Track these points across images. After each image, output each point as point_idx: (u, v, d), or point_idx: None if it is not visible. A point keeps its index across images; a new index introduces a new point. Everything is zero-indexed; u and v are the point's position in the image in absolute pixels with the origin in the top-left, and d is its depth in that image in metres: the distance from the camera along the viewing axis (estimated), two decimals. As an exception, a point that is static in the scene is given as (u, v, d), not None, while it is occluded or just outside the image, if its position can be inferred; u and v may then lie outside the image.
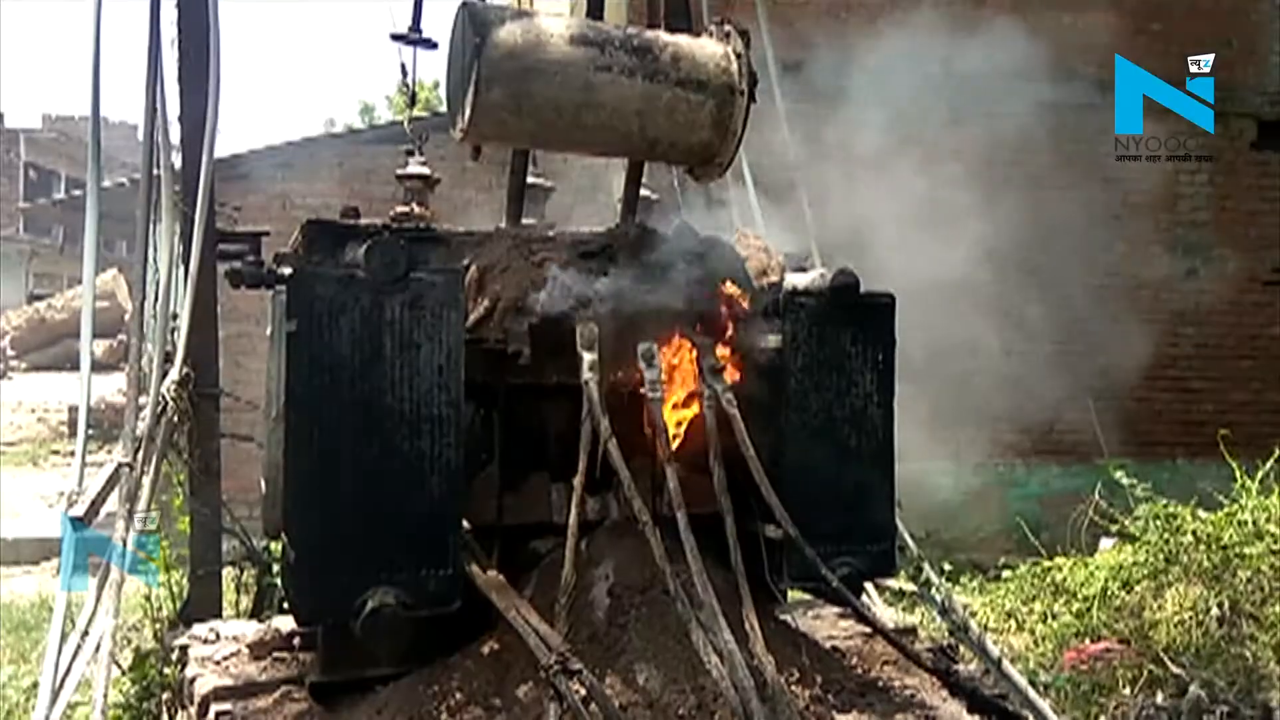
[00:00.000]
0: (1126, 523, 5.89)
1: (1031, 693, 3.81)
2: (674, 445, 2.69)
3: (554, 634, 2.35)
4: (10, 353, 25.07)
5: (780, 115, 5.00)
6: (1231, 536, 5.26)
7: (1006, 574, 6.40)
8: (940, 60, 6.15)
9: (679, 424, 2.75)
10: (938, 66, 6.60)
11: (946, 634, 4.19)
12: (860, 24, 6.85)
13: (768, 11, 5.23)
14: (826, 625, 3.27)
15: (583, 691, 2.27)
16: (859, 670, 2.88)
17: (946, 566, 6.87)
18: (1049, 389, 8.58)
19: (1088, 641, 5.26)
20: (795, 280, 2.82)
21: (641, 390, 2.63)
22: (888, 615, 4.36)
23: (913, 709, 2.66)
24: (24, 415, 17.60)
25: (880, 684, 2.81)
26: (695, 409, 2.73)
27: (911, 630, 3.58)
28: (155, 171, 4.00)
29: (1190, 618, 5.01)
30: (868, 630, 3.10)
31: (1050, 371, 8.60)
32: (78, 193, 16.82)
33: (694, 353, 2.72)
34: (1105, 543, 6.80)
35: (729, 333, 2.76)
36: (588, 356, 2.55)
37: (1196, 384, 8.63)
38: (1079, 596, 5.66)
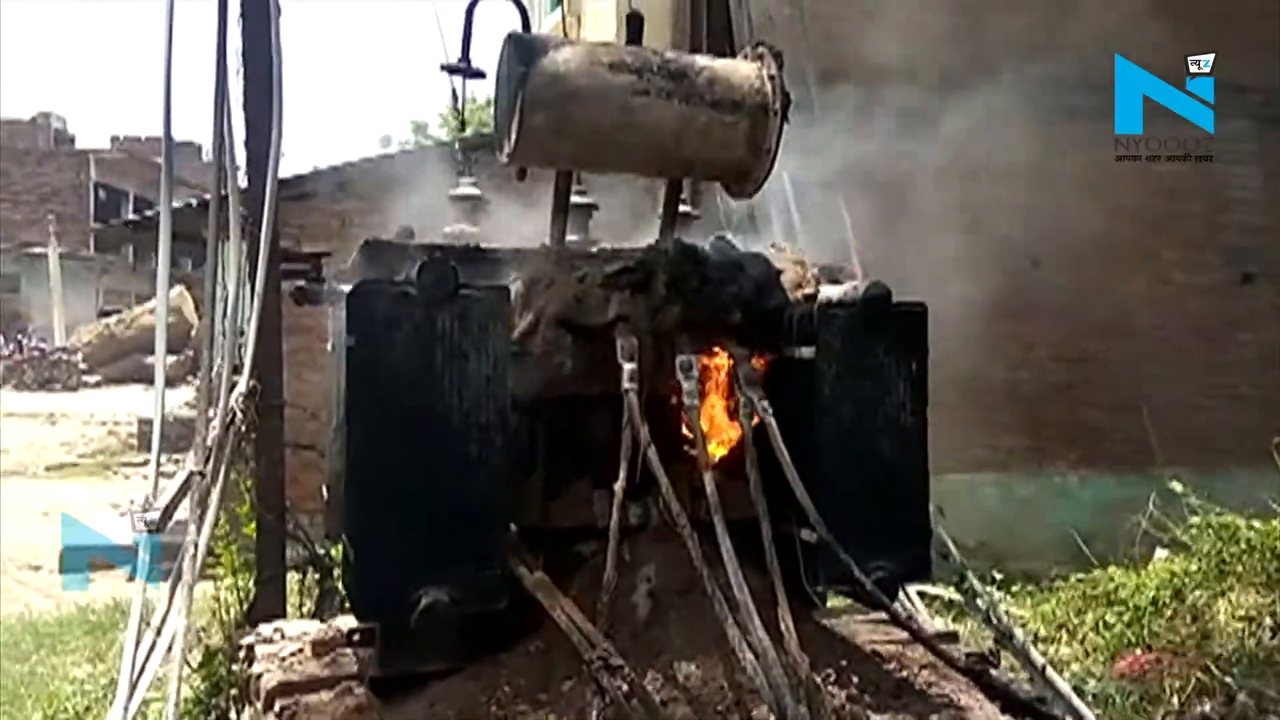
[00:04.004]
0: (1179, 532, 5.85)
1: (1075, 699, 3.83)
2: (713, 453, 2.80)
3: (596, 632, 2.46)
4: (82, 367, 26.00)
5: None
6: (1287, 546, 5.22)
7: (1058, 584, 6.38)
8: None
9: (717, 432, 2.85)
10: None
11: (992, 642, 4.22)
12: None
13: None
14: (867, 630, 3.32)
15: (625, 687, 2.38)
16: (896, 673, 2.93)
17: (997, 576, 6.86)
18: (1103, 398, 8.51)
19: (1139, 651, 5.24)
20: (829, 293, 2.91)
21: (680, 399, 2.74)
22: (934, 624, 4.40)
23: (948, 710, 2.72)
24: (95, 428, 18.27)
25: (917, 687, 2.87)
26: (732, 417, 2.83)
27: (952, 635, 3.63)
28: (223, 193, 4.22)
29: (1244, 627, 4.98)
30: (907, 637, 3.17)
31: (1104, 380, 8.54)
32: (147, 214, 17.49)
33: (731, 363, 2.82)
34: (1160, 553, 6.74)
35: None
36: (627, 367, 2.67)
37: (1252, 392, 8.48)
38: (1131, 606, 5.63)
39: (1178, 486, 6.32)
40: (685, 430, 2.80)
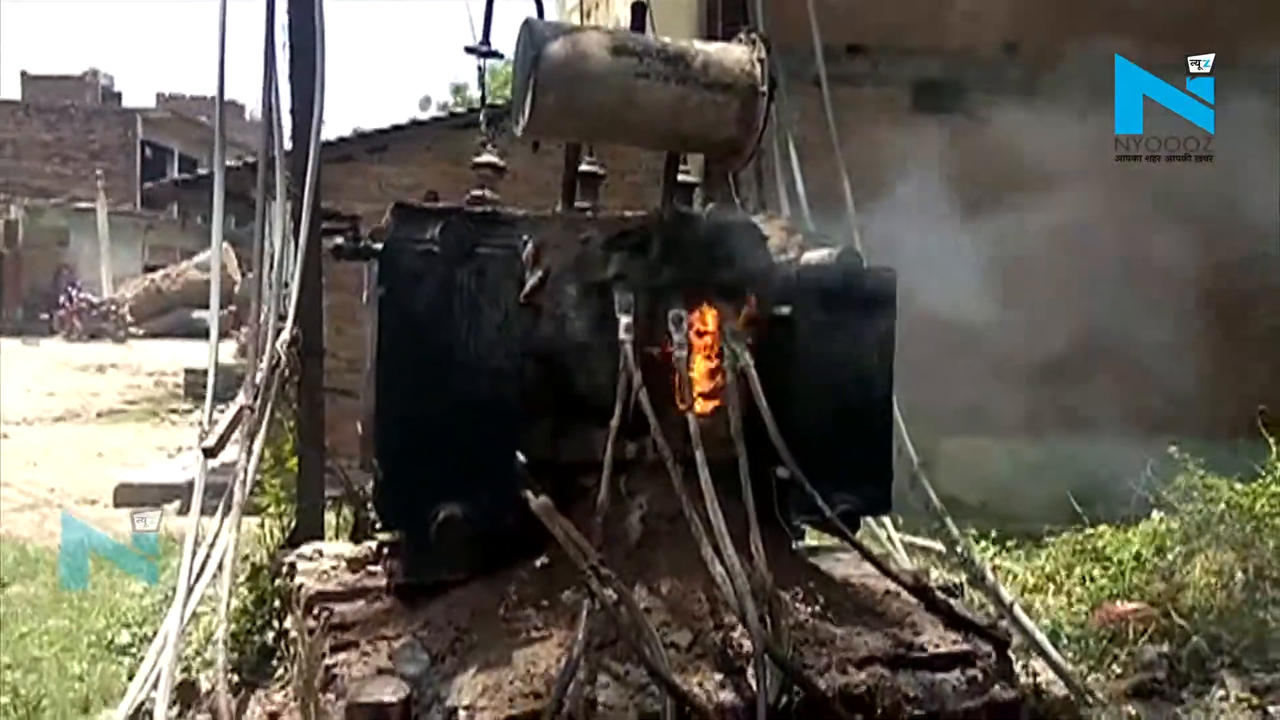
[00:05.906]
0: (1166, 494, 6.10)
1: (1039, 634, 4.17)
2: (700, 398, 3.16)
3: (589, 546, 2.84)
4: (129, 320, 26.80)
5: (826, 102, 5.35)
6: (1263, 507, 5.48)
7: (1049, 539, 6.68)
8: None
9: (704, 380, 3.20)
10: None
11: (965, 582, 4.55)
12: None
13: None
14: (846, 566, 3.68)
15: (612, 594, 2.76)
16: (861, 597, 3.31)
17: (993, 533, 7.18)
18: (1112, 367, 8.69)
19: (1119, 603, 5.55)
20: (809, 256, 3.24)
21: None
22: (909, 565, 4.75)
23: (900, 626, 3.08)
24: (142, 378, 19.00)
25: (877, 609, 3.24)
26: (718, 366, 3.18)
27: (924, 573, 3.98)
28: (270, 157, 4.60)
29: (1216, 582, 5.27)
30: (880, 573, 3.51)
31: (1113, 349, 8.72)
32: (200, 172, 18.14)
33: (718, 318, 3.17)
34: (1156, 515, 7.00)
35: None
36: (624, 320, 3.03)
37: (1263, 365, 8.64)
38: (1115, 562, 5.93)
39: (1174, 451, 6.56)
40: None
